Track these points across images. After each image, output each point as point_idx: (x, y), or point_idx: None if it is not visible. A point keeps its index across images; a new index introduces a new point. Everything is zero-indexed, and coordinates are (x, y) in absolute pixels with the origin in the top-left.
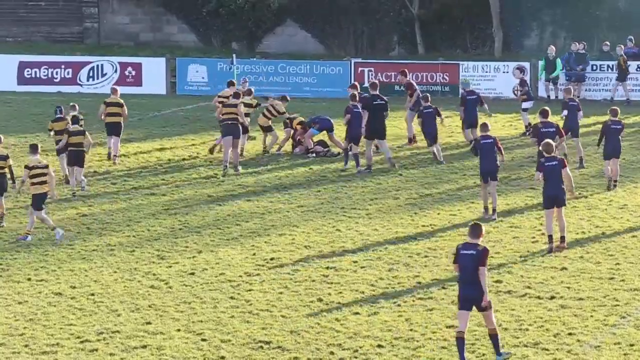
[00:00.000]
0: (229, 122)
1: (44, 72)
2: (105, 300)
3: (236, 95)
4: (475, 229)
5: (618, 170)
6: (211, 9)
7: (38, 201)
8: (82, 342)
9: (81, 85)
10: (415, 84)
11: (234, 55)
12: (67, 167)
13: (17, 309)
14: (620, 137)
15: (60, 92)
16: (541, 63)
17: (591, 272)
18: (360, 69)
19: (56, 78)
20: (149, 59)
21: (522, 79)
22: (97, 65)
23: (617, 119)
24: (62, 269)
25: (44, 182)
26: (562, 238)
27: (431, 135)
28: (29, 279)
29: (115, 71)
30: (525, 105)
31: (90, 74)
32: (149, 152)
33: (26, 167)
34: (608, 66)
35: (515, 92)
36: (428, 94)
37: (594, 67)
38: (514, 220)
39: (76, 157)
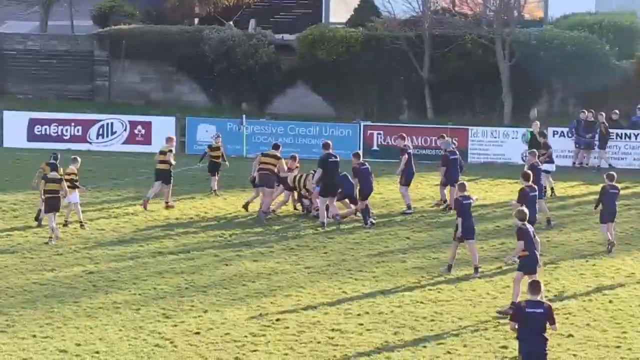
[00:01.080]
0: (264, 173)
1: (54, 129)
2: (110, 358)
3: (275, 146)
4: (536, 286)
5: (614, 234)
6: (222, 69)
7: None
8: None
9: (90, 142)
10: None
11: (243, 116)
12: (48, 214)
13: None
14: (616, 201)
15: (69, 149)
16: (527, 136)
17: (597, 340)
18: (369, 131)
19: (66, 135)
20: (159, 117)
21: (544, 142)
22: (107, 123)
23: (614, 183)
24: (68, 326)
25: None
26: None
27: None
28: (34, 336)
29: (125, 129)
30: (546, 167)
31: (100, 132)
32: (156, 211)
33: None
34: (617, 134)
35: (524, 157)
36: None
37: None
38: (521, 286)
39: (52, 204)
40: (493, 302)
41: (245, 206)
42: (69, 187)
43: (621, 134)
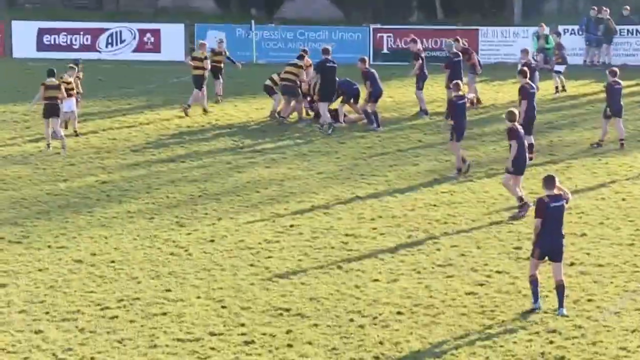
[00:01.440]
0: (286, 83)
1: (63, 38)
2: (125, 267)
3: (300, 56)
4: (551, 180)
5: (623, 129)
6: None
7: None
8: (102, 309)
9: (100, 51)
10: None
11: (252, 22)
12: (43, 120)
13: (37, 276)
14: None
15: (79, 58)
16: (533, 43)
17: (611, 238)
18: (379, 34)
19: (75, 45)
20: (167, 25)
21: (558, 43)
22: (116, 32)
23: (617, 79)
24: (82, 236)
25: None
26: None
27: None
28: (49, 247)
29: (134, 38)
30: (558, 68)
31: (109, 41)
32: (168, 119)
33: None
34: (628, 30)
35: (535, 57)
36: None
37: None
38: (534, 187)
39: (52, 110)
40: (506, 204)
41: (272, 115)
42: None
43: (633, 30)
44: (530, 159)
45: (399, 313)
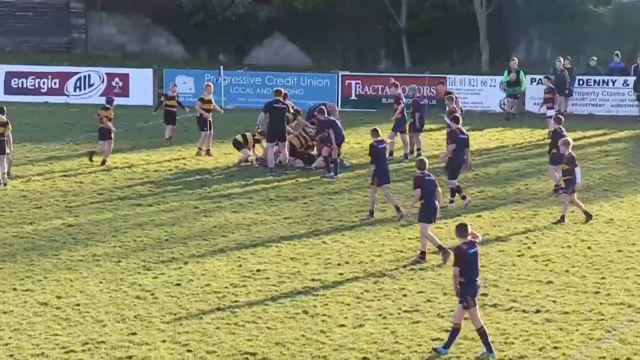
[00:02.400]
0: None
1: (31, 82)
2: (91, 310)
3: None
4: (464, 228)
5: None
6: (199, 20)
7: None
8: (67, 352)
9: (68, 95)
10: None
11: (221, 67)
12: None
13: (2, 318)
14: None
15: (47, 102)
16: (504, 76)
17: (577, 285)
18: (347, 81)
19: (43, 88)
20: (136, 69)
21: (549, 87)
22: (85, 76)
23: (561, 126)
24: (48, 279)
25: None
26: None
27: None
28: (15, 289)
29: (102, 82)
30: (549, 112)
31: (78, 85)
32: (136, 163)
33: None
34: (595, 81)
35: (502, 105)
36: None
37: (581, 82)
38: (500, 234)
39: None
40: None
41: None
42: None
43: (599, 80)
44: (451, 201)
45: (364, 358)
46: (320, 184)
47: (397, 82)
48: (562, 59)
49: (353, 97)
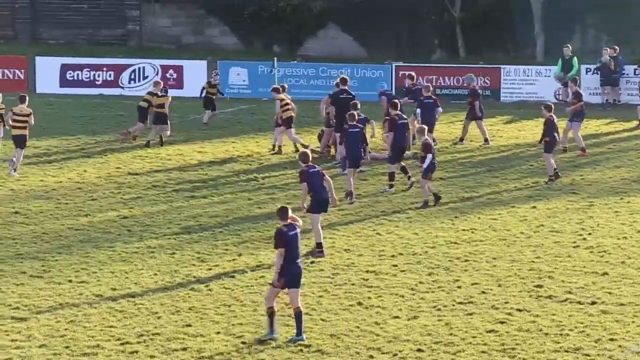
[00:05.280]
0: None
1: (86, 74)
2: (146, 302)
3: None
4: (285, 211)
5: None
6: (253, 11)
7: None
8: (122, 344)
9: (122, 87)
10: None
11: (275, 59)
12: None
13: (58, 310)
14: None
15: (102, 94)
16: (558, 65)
17: (633, 277)
18: (401, 72)
19: (98, 80)
20: (190, 61)
21: (576, 91)
22: (139, 68)
23: (552, 113)
24: (103, 271)
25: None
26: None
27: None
28: (70, 281)
29: (157, 74)
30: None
31: (132, 77)
32: (189, 155)
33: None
34: None
35: (557, 95)
36: (430, 85)
37: (637, 71)
38: (555, 225)
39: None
40: (527, 242)
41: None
42: None
43: None
44: (391, 186)
45: (419, 350)
46: (374, 175)
47: (412, 74)
48: (608, 49)
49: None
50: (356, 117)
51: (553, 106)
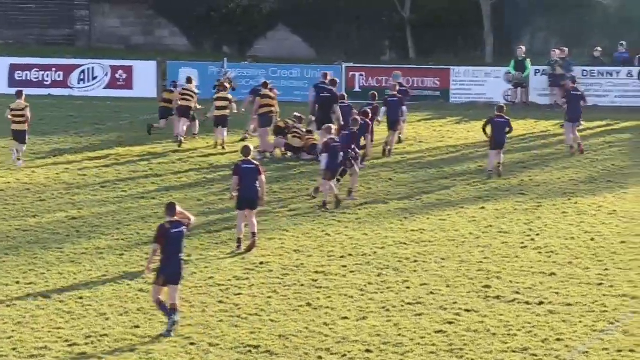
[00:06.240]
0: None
1: (35, 74)
2: (94, 303)
3: (265, 85)
4: (172, 207)
5: (502, 157)
6: (202, 13)
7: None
8: (70, 345)
9: (72, 88)
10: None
11: (225, 59)
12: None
13: (5, 312)
14: (505, 131)
15: (50, 94)
16: (511, 66)
17: (580, 277)
18: (351, 73)
19: (47, 81)
20: (140, 62)
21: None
22: (88, 68)
23: (502, 114)
24: (51, 272)
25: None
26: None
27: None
28: (18, 282)
29: (106, 74)
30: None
31: (81, 77)
32: (139, 155)
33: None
34: (599, 72)
35: (506, 97)
36: (396, 84)
37: (584, 73)
38: (504, 226)
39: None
40: (476, 242)
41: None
42: None
43: (603, 71)
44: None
45: (367, 351)
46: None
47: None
48: (556, 50)
49: (357, 88)
50: (332, 130)
51: (505, 107)
